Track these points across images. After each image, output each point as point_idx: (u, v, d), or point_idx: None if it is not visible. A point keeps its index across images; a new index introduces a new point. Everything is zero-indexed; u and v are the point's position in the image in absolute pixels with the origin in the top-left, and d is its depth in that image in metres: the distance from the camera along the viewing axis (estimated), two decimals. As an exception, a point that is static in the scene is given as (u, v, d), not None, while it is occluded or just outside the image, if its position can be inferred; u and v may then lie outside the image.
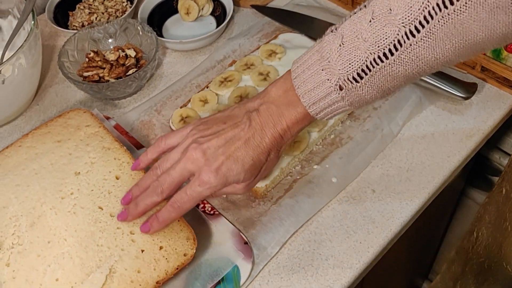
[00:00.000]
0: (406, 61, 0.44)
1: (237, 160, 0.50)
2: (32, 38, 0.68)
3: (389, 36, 0.43)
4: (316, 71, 0.48)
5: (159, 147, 0.56)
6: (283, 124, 0.51)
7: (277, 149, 0.53)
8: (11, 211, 0.56)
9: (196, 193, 0.51)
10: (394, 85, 0.47)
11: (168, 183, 0.52)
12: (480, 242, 0.81)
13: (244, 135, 0.51)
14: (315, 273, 0.56)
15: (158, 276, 0.52)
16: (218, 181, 0.50)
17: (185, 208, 0.52)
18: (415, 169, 0.64)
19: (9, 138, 0.72)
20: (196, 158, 0.51)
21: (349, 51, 0.46)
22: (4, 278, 0.52)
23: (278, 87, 0.52)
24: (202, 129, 0.53)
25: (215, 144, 0.51)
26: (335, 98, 0.48)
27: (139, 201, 0.53)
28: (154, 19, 0.85)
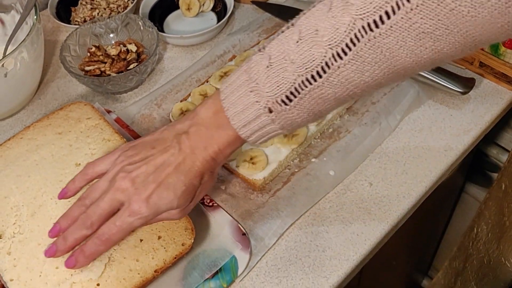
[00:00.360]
0: (335, 84, 0.42)
1: (168, 187, 0.48)
2: (34, 32, 0.69)
3: (317, 58, 0.42)
4: (244, 92, 0.46)
5: (86, 175, 0.53)
6: (214, 147, 0.49)
7: (211, 171, 0.50)
8: (13, 201, 0.57)
9: (126, 224, 0.48)
10: (325, 107, 0.45)
11: (97, 215, 0.48)
12: (480, 238, 0.81)
13: (174, 160, 0.48)
14: (312, 264, 0.57)
15: (156, 265, 0.53)
16: (150, 210, 0.48)
17: (114, 240, 0.49)
18: (412, 163, 0.65)
19: (11, 131, 0.73)
20: (125, 188, 0.48)
21: (277, 72, 0.44)
22: (5, 266, 0.52)
23: (207, 108, 0.49)
24: (130, 155, 0.50)
25: (145, 172, 0.48)
26: (265, 121, 0.46)
27: (67, 235, 0.50)
28: (155, 15, 0.86)
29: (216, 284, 0.55)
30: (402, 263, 1.09)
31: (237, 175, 0.64)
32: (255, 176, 0.62)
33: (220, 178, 0.64)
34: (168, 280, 0.54)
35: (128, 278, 0.51)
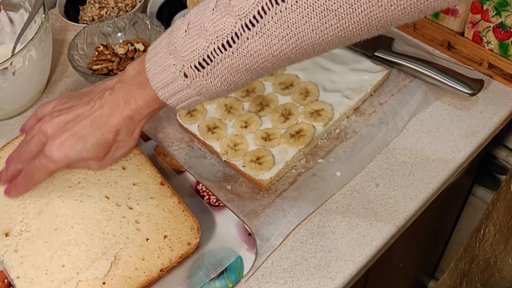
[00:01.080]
0: (244, 55, 0.43)
1: (79, 138, 0.51)
2: (43, 31, 0.69)
3: (227, 27, 0.43)
4: (164, 54, 0.47)
5: (36, 116, 0.57)
6: (132, 105, 0.51)
7: (128, 130, 0.53)
8: (20, 198, 0.57)
9: (42, 165, 0.53)
10: (238, 78, 0.46)
11: (27, 153, 0.54)
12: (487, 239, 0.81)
13: (91, 113, 0.51)
14: (318, 265, 0.57)
15: (162, 264, 0.53)
16: (59, 156, 0.51)
17: (36, 177, 0.54)
18: (419, 164, 0.64)
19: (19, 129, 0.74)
20: (45, 132, 0.52)
21: (192, 38, 0.45)
22: (12, 263, 0.53)
23: (133, 66, 0.51)
24: (62, 102, 0.54)
25: (64, 119, 0.52)
26: (181, 85, 0.47)
27: (8, 166, 0.56)
28: (163, 14, 0.86)
29: (221, 283, 0.55)
30: (408, 264, 1.09)
31: (243, 175, 0.64)
32: (261, 176, 0.62)
33: (226, 178, 0.64)
34: (174, 279, 0.55)
35: (133, 276, 0.52)
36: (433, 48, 0.78)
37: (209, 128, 0.67)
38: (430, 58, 0.74)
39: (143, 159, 0.60)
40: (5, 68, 0.65)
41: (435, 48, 0.77)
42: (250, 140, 0.66)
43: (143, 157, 0.60)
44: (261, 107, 0.69)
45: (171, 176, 0.63)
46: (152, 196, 0.57)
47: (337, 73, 0.72)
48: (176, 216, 0.56)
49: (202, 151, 0.68)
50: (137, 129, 0.54)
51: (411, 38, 0.79)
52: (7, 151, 0.62)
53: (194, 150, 0.68)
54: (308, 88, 0.70)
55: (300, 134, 0.65)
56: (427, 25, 0.76)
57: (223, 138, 0.66)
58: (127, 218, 0.55)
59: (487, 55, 0.71)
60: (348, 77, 0.71)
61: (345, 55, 0.74)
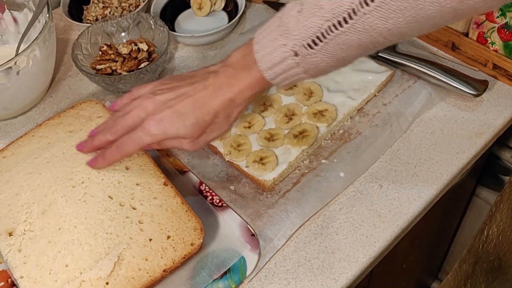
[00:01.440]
0: (360, 30, 0.44)
1: (180, 115, 0.52)
2: (47, 30, 0.69)
3: (345, 4, 0.44)
4: (275, 36, 0.48)
5: (132, 95, 0.58)
6: (235, 87, 0.52)
7: (227, 113, 0.53)
8: (23, 198, 0.57)
9: (137, 138, 0.53)
10: (348, 54, 0.47)
11: (121, 125, 0.55)
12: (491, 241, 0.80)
13: (194, 93, 0.53)
14: (321, 266, 0.57)
15: (165, 264, 0.53)
16: (158, 131, 0.53)
17: (127, 150, 0.55)
18: (423, 165, 0.64)
19: (23, 128, 0.74)
20: (146, 107, 0.53)
21: (306, 17, 0.46)
22: (15, 263, 0.53)
23: (239, 51, 0.53)
24: (164, 83, 0.56)
25: (166, 97, 0.53)
26: (290, 64, 0.48)
27: (95, 136, 0.57)
28: (166, 14, 0.86)
29: (224, 284, 0.55)
30: (412, 265, 1.08)
31: (246, 176, 0.64)
32: (264, 177, 0.62)
33: (229, 178, 0.64)
34: (177, 280, 0.55)
35: (137, 277, 0.52)
36: (437, 49, 0.77)
37: (213, 128, 0.67)
38: (434, 58, 0.74)
39: (146, 159, 0.60)
40: (9, 68, 0.66)
41: (439, 49, 0.77)
42: (254, 140, 0.66)
43: (147, 157, 0.60)
44: (265, 107, 0.69)
45: (174, 176, 0.63)
46: (155, 196, 0.57)
47: (340, 74, 0.72)
48: (179, 216, 0.56)
49: (205, 151, 0.68)
50: (234, 113, 0.54)
51: (415, 39, 0.79)
52: (11, 150, 0.62)
53: (197, 150, 0.68)
54: (311, 88, 0.70)
55: (304, 135, 0.65)
56: (432, 25, 0.76)
57: (227, 139, 0.66)
58: (130, 218, 0.55)
59: (492, 56, 0.71)
60: (352, 77, 0.71)
61: (349, 56, 0.74)
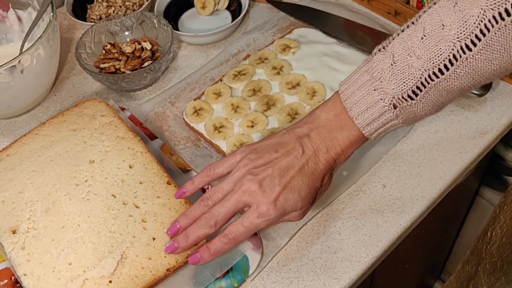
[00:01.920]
0: (462, 75, 0.44)
1: (293, 190, 0.50)
2: (51, 29, 0.69)
3: (444, 52, 0.43)
4: (367, 91, 0.48)
5: (207, 176, 0.54)
6: (337, 148, 0.51)
7: (331, 173, 0.53)
8: (27, 196, 0.57)
9: (253, 225, 0.50)
10: (448, 99, 0.47)
11: (222, 215, 0.50)
12: (494, 242, 0.80)
13: (298, 163, 0.50)
14: (324, 265, 0.57)
15: (168, 263, 0.53)
16: (277, 212, 0.49)
17: (240, 240, 0.51)
18: (426, 165, 0.64)
19: (27, 127, 0.74)
20: (253, 190, 0.50)
21: (402, 69, 0.46)
22: (19, 260, 0.53)
23: (327, 111, 0.51)
24: (253, 158, 0.52)
25: (271, 174, 0.50)
26: (389, 117, 0.48)
27: (189, 233, 0.52)
28: (170, 13, 0.86)
29: (227, 283, 0.55)
30: (414, 266, 1.08)
31: (249, 175, 0.64)
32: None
33: (232, 177, 0.64)
34: (180, 279, 0.55)
35: (140, 275, 0.52)
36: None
37: (216, 127, 0.67)
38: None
39: (149, 158, 0.60)
40: (13, 66, 0.66)
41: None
42: (257, 139, 0.66)
43: (150, 156, 0.61)
44: (268, 106, 0.69)
45: (178, 175, 0.63)
46: (158, 195, 0.57)
47: (344, 73, 0.72)
48: (182, 215, 0.56)
49: (208, 150, 0.68)
50: (334, 170, 0.53)
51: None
52: (15, 148, 0.62)
53: (200, 149, 0.68)
54: (315, 88, 0.70)
55: (307, 134, 0.65)
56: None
57: (230, 138, 0.66)
58: (133, 217, 0.55)
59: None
60: (355, 77, 0.71)
61: (352, 55, 0.74)
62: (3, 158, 0.62)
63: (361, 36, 0.78)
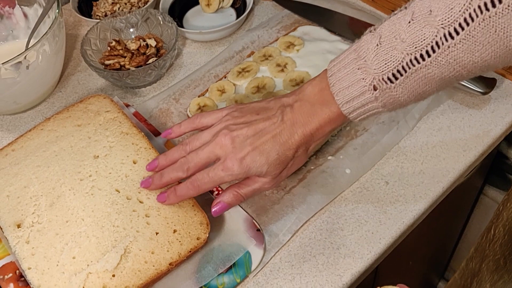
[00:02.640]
0: (443, 64, 0.43)
1: (262, 153, 0.51)
2: (56, 25, 0.70)
3: (427, 37, 0.43)
4: (352, 70, 0.48)
5: (193, 123, 0.57)
6: (314, 122, 0.51)
7: (306, 147, 0.53)
8: (32, 190, 0.58)
9: (217, 176, 0.52)
10: (429, 88, 0.46)
11: (194, 162, 0.53)
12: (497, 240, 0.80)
13: (273, 129, 0.51)
14: (326, 262, 0.57)
15: (171, 258, 0.53)
16: (241, 170, 0.51)
17: (203, 188, 0.53)
18: (429, 162, 0.64)
19: (32, 123, 0.75)
20: (224, 144, 0.52)
21: (386, 51, 0.45)
22: (23, 254, 0.53)
23: (314, 85, 0.52)
24: (236, 116, 0.54)
25: (245, 134, 0.52)
26: (368, 98, 0.48)
27: (164, 173, 0.55)
28: (175, 10, 0.86)
29: (229, 278, 0.55)
30: (418, 263, 1.08)
31: (253, 171, 0.64)
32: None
33: (236, 174, 0.65)
34: (182, 273, 0.55)
35: (143, 270, 0.52)
36: None
37: (220, 124, 0.68)
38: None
39: (153, 154, 0.60)
40: (19, 62, 0.66)
41: None
42: (260, 136, 0.66)
43: (154, 151, 0.61)
44: (272, 103, 0.69)
45: (181, 171, 0.63)
46: (162, 190, 0.57)
47: (348, 71, 0.72)
48: (185, 211, 0.56)
49: (212, 146, 0.68)
50: (312, 146, 0.54)
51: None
52: (20, 143, 0.63)
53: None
54: (318, 85, 0.70)
55: (310, 131, 0.65)
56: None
57: (233, 134, 0.66)
58: (137, 212, 0.56)
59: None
60: (359, 74, 0.71)
61: (356, 53, 0.74)
62: (8, 153, 0.62)
63: (365, 34, 0.78)
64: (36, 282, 0.52)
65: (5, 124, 0.75)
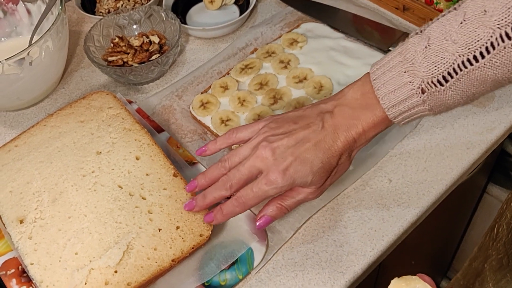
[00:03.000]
0: (497, 65, 0.42)
1: (305, 162, 0.49)
2: (59, 22, 0.70)
3: (482, 38, 0.41)
4: (398, 73, 0.47)
5: (229, 139, 0.55)
6: (358, 127, 0.50)
7: (349, 153, 0.51)
8: (35, 186, 0.58)
9: (261, 191, 0.50)
10: (480, 90, 0.45)
11: (237, 179, 0.51)
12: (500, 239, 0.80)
13: (315, 136, 0.50)
14: (329, 259, 0.57)
15: (174, 254, 0.53)
16: (285, 182, 0.49)
17: (249, 204, 0.51)
18: (433, 160, 0.64)
19: (35, 119, 0.75)
20: (265, 157, 0.50)
21: (436, 53, 0.44)
22: (26, 250, 0.53)
23: (355, 89, 0.51)
24: (273, 127, 0.52)
25: (285, 144, 0.50)
26: (415, 102, 0.47)
27: (207, 193, 0.53)
28: (178, 7, 0.86)
29: (232, 275, 0.55)
30: (421, 262, 1.08)
31: (255, 168, 0.64)
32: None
33: (238, 171, 0.64)
34: (185, 270, 0.55)
35: (145, 266, 0.52)
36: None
37: (222, 120, 0.68)
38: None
39: (156, 150, 0.60)
40: (22, 58, 0.66)
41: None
42: (263, 133, 0.66)
43: (157, 148, 0.61)
44: (275, 100, 0.69)
45: (184, 168, 0.63)
46: (165, 187, 0.57)
47: (351, 68, 0.72)
48: (188, 207, 0.56)
49: (215, 143, 0.68)
50: (354, 152, 0.52)
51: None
52: (23, 139, 0.63)
53: (207, 142, 0.68)
54: (322, 82, 0.70)
55: (313, 128, 0.65)
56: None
57: (236, 131, 0.66)
58: (140, 208, 0.56)
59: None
60: (362, 71, 0.70)
61: (359, 50, 0.74)
62: (11, 149, 0.62)
63: (369, 31, 0.77)
64: (39, 277, 0.52)
65: (8, 120, 0.75)
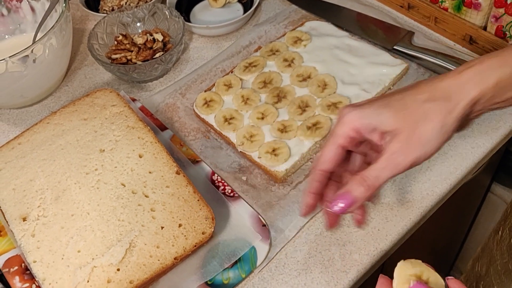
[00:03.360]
0: None
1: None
2: (63, 19, 0.70)
3: None
4: None
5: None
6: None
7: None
8: (38, 184, 0.58)
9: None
10: None
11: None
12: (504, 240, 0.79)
13: None
14: (332, 258, 0.56)
15: (176, 252, 0.53)
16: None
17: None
18: (437, 159, 0.63)
19: (39, 116, 0.75)
20: None
21: None
22: (29, 247, 0.53)
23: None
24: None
25: None
26: None
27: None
28: (182, 5, 0.86)
29: (234, 273, 0.55)
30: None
31: (258, 167, 0.64)
32: (277, 168, 0.62)
33: (241, 169, 0.64)
34: (188, 268, 0.55)
35: (148, 264, 0.52)
36: (454, 43, 0.76)
37: (226, 119, 0.67)
38: (451, 52, 0.73)
39: (159, 148, 0.60)
40: (26, 56, 0.66)
41: (456, 42, 0.76)
42: (267, 131, 0.65)
43: (160, 146, 0.61)
44: (278, 98, 0.69)
45: (187, 166, 0.63)
46: (167, 185, 0.57)
47: (355, 66, 0.71)
48: (191, 205, 0.56)
49: (218, 141, 0.68)
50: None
51: (432, 32, 0.78)
52: (26, 137, 0.63)
53: (210, 140, 0.68)
54: (326, 80, 0.69)
55: (317, 127, 0.64)
56: (449, 19, 0.75)
57: (239, 129, 0.66)
58: (142, 206, 0.56)
59: (510, 50, 0.70)
60: (366, 70, 0.71)
61: (364, 48, 0.74)
62: (14, 147, 0.62)
63: (373, 30, 0.77)
64: (41, 275, 0.52)
65: (12, 118, 0.75)
